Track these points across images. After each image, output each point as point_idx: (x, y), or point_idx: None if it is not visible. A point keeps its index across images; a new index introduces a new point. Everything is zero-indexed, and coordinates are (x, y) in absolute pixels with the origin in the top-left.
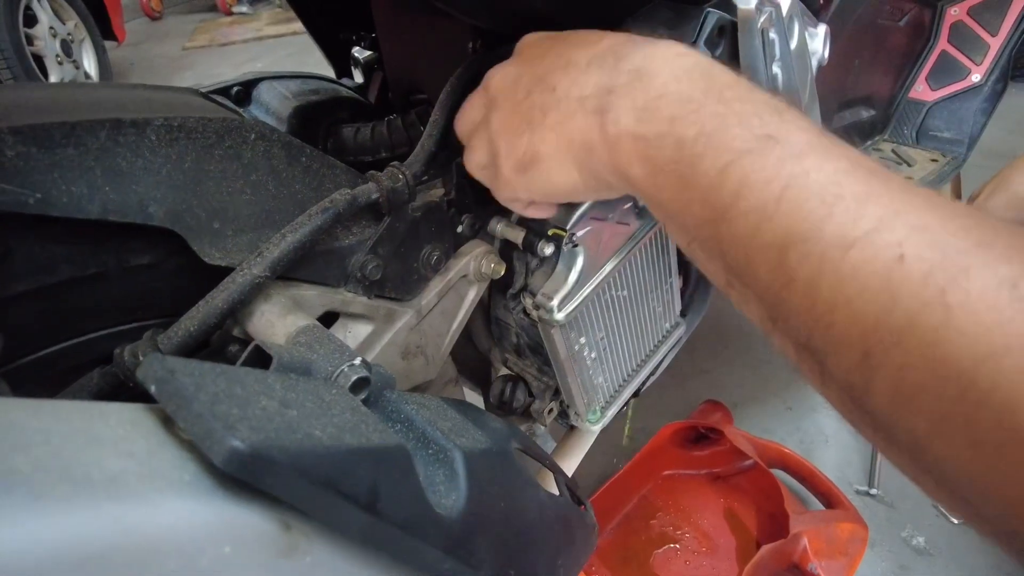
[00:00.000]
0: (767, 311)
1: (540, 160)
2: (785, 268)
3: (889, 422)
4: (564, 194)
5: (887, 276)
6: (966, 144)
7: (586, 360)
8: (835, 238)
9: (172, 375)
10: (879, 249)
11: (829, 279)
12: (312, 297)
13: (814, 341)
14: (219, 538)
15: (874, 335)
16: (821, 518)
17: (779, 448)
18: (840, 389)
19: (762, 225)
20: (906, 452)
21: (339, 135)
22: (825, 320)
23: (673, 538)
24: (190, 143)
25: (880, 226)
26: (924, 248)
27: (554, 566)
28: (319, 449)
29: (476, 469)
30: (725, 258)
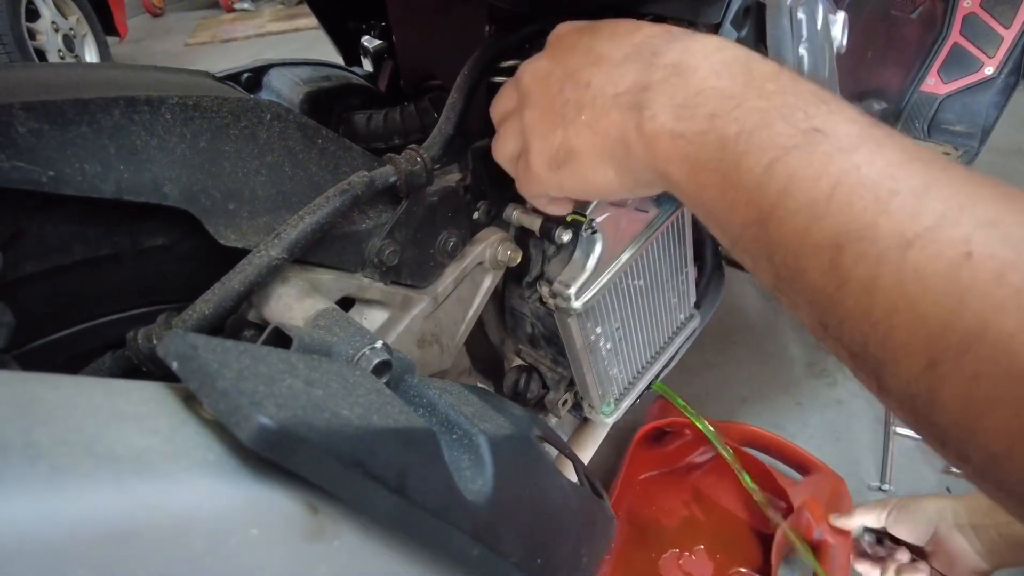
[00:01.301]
0: (818, 316)
1: (575, 157)
2: (838, 270)
3: (960, 437)
4: (598, 192)
5: (954, 276)
6: (978, 137)
7: (601, 351)
8: (893, 236)
9: (195, 351)
10: (943, 247)
11: (887, 281)
12: (329, 281)
13: (871, 349)
14: (246, 520)
15: (940, 342)
16: (811, 485)
17: (742, 426)
18: (901, 401)
19: (812, 225)
20: (980, 470)
21: (351, 122)
22: (884, 326)
23: (671, 541)
24: (205, 122)
25: (942, 222)
26: (995, 244)
27: (578, 555)
28: (348, 429)
29: (501, 454)
30: (773, 260)
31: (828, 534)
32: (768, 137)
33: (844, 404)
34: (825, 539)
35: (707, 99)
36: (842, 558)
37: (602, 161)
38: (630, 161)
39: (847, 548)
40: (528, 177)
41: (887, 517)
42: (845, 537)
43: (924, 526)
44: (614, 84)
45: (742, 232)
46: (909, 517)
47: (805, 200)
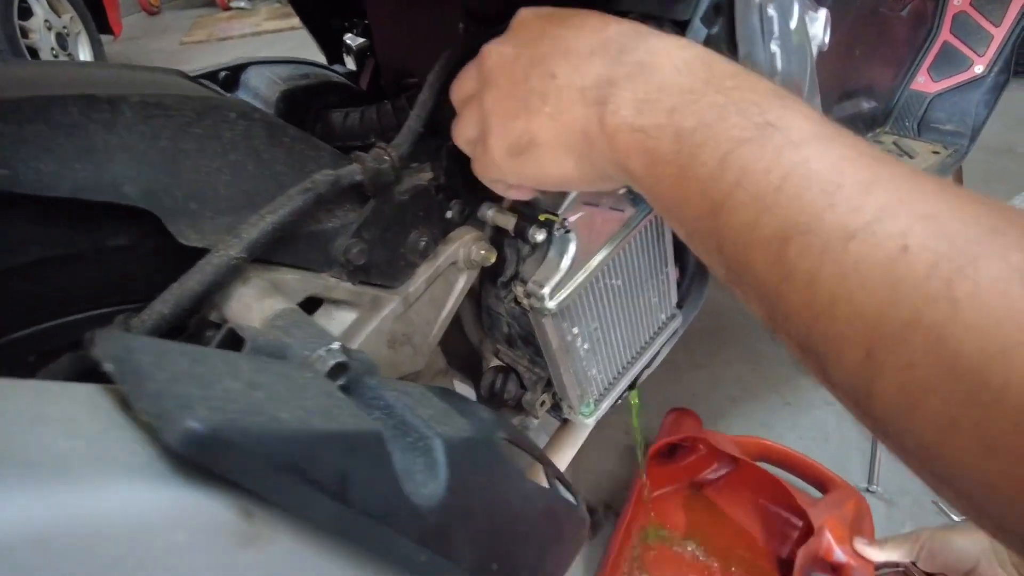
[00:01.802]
0: (767, 309)
1: (535, 147)
2: (784, 262)
3: (897, 428)
4: (556, 183)
5: (890, 268)
6: (968, 136)
7: (579, 351)
8: (836, 229)
9: (130, 353)
10: (881, 240)
11: (829, 272)
12: (293, 281)
13: (814, 340)
14: (171, 524)
15: (876, 333)
16: (832, 504)
17: (758, 441)
18: (846, 392)
19: (761, 217)
20: (917, 459)
21: (328, 120)
22: (825, 317)
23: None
24: (167, 121)
25: (883, 215)
26: (929, 238)
27: (541, 560)
28: (285, 432)
29: (458, 458)
30: (723, 252)
31: (851, 557)
32: (723, 130)
33: (833, 405)
34: (847, 562)
35: (668, 94)
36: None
37: (563, 152)
38: (591, 154)
39: (871, 572)
40: (485, 161)
41: (920, 552)
42: (866, 565)
43: (961, 563)
44: (581, 77)
45: (696, 224)
46: (945, 553)
47: (755, 192)
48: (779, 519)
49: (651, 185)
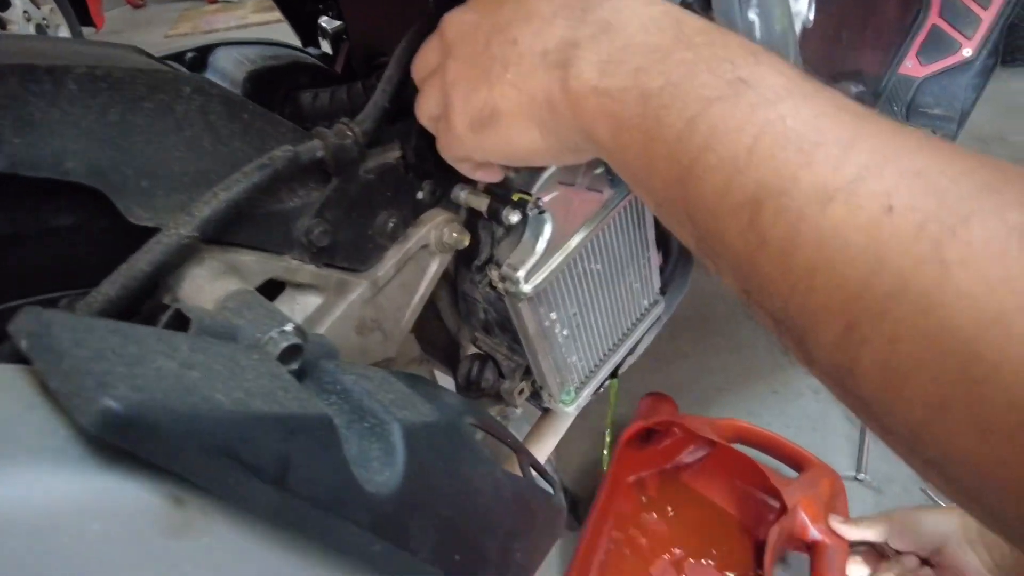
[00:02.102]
0: (741, 281)
1: (498, 118)
2: (757, 229)
3: (883, 409)
4: (522, 157)
5: (873, 232)
6: (957, 120)
7: (558, 337)
8: (814, 191)
9: (47, 328)
10: (863, 200)
11: (807, 238)
12: (251, 263)
13: (791, 314)
14: (84, 513)
15: (859, 303)
16: (806, 483)
17: (733, 423)
18: (827, 371)
19: (732, 180)
20: (904, 442)
21: (297, 101)
22: (803, 287)
23: (663, 547)
24: (116, 94)
25: (865, 174)
26: (917, 196)
27: (509, 551)
28: (216, 413)
29: (417, 443)
30: (694, 222)
31: (825, 535)
32: (692, 89)
33: (821, 393)
34: (822, 540)
35: (633, 54)
36: (839, 560)
37: (527, 123)
38: (556, 123)
39: (844, 549)
40: (449, 138)
41: (891, 531)
42: (840, 542)
43: (931, 541)
44: (542, 41)
45: (665, 194)
46: (916, 532)
47: (726, 154)
48: (756, 500)
49: (618, 153)
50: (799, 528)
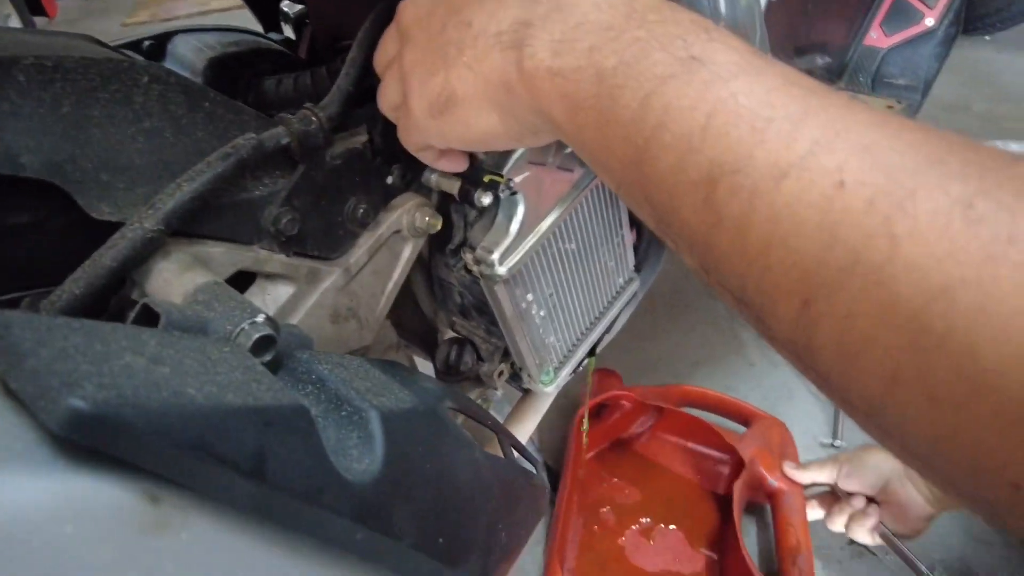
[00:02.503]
0: (699, 259)
1: (456, 103)
2: (713, 207)
3: (840, 382)
4: (482, 140)
5: (825, 208)
6: (921, 90)
7: (535, 318)
8: (767, 167)
9: (7, 328)
10: (816, 176)
11: (761, 216)
12: (219, 254)
13: (748, 291)
14: (57, 516)
15: (814, 279)
16: (757, 436)
17: (678, 388)
18: (786, 347)
19: (686, 159)
20: (862, 413)
21: (260, 88)
22: (758, 266)
23: (630, 517)
24: (69, 85)
25: (817, 149)
26: (866, 171)
27: (493, 532)
28: (188, 408)
29: (396, 430)
30: (651, 202)
31: (782, 482)
32: (646, 68)
33: None
34: (779, 487)
35: (586, 32)
36: (798, 502)
37: (485, 106)
38: (513, 105)
39: (801, 493)
40: (408, 126)
41: (839, 473)
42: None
43: (875, 479)
44: (496, 22)
45: (622, 174)
46: (861, 472)
47: (680, 132)
48: (709, 459)
49: (575, 134)
50: (757, 479)
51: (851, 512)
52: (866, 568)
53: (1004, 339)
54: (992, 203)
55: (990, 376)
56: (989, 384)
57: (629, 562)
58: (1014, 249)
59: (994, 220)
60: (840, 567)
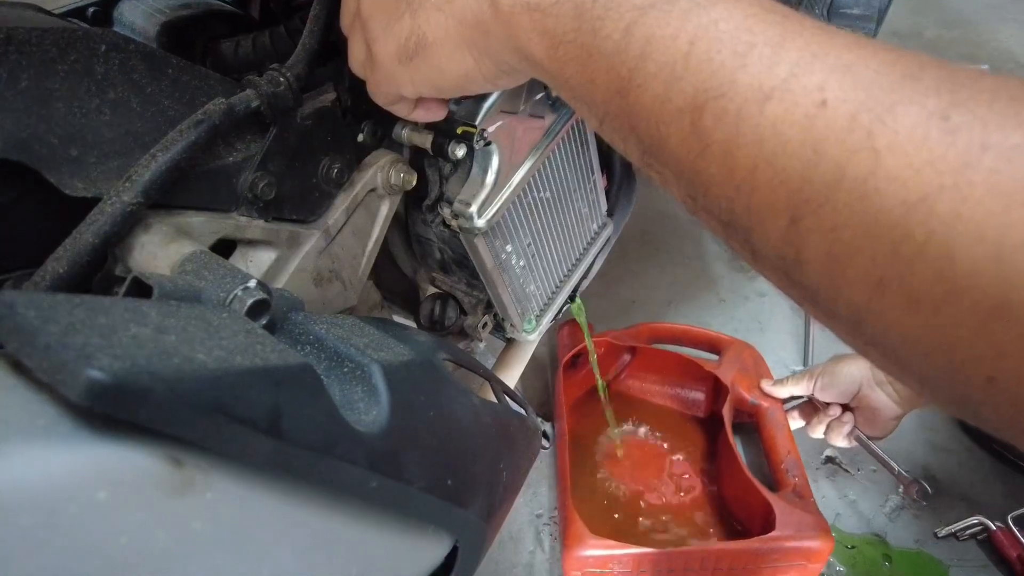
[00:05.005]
0: (686, 188)
1: (427, 47)
2: (699, 133)
3: (827, 296)
4: (456, 84)
5: (809, 126)
6: (875, 19)
7: (515, 268)
8: (750, 90)
9: (11, 308)
10: (799, 96)
11: (747, 138)
12: (199, 224)
13: (737, 214)
14: (89, 484)
15: (800, 196)
16: (733, 360)
17: (648, 326)
18: (773, 266)
19: (671, 87)
20: (847, 325)
21: (218, 51)
22: (746, 187)
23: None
24: (24, 58)
25: (798, 71)
26: (847, 89)
27: (495, 471)
28: (202, 372)
29: (398, 381)
30: (637, 133)
31: (761, 399)
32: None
33: (765, 296)
34: (760, 404)
35: None
36: (779, 417)
37: (458, 48)
38: (489, 45)
39: (781, 408)
40: (377, 78)
41: (815, 385)
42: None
43: (848, 387)
44: None
45: (606, 108)
46: (835, 383)
47: (664, 61)
48: (686, 387)
49: (556, 71)
50: (740, 401)
51: (828, 420)
52: (839, 484)
53: (978, 240)
54: (966, 114)
55: (966, 276)
56: (965, 283)
57: (633, 497)
58: (987, 156)
59: (968, 130)
60: (816, 486)
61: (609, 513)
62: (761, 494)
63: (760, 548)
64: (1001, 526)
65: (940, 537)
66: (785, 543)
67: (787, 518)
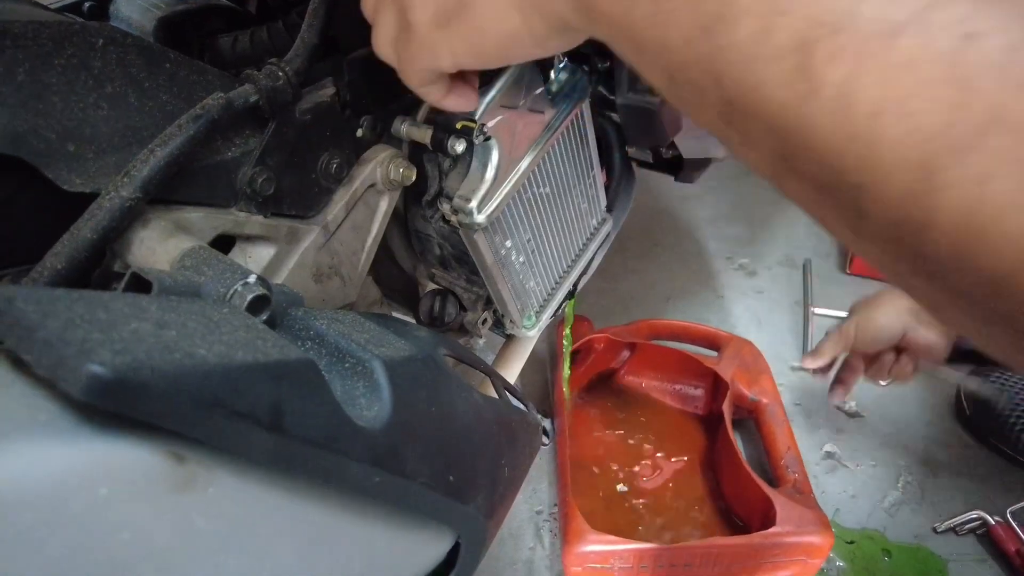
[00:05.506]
0: (779, 146)
1: (468, 5)
2: (808, 74)
3: (957, 263)
4: (501, 48)
5: (956, 61)
6: None
7: (514, 264)
8: (877, 24)
9: (10, 303)
10: (937, 30)
11: (872, 79)
12: (198, 219)
13: (847, 171)
14: (90, 479)
15: (939, 142)
16: (732, 356)
17: (647, 322)
18: (886, 233)
19: (773, 23)
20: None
21: (215, 47)
22: (865, 136)
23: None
24: (20, 52)
25: (933, 3)
26: (998, 20)
27: (497, 467)
28: (204, 368)
29: (400, 377)
30: (722, 81)
31: (761, 395)
32: None
33: (764, 292)
34: (760, 400)
35: None
36: (779, 413)
37: (503, 5)
38: None
39: (780, 403)
40: (411, 50)
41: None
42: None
43: (892, 334)
44: None
45: (684, 52)
46: (874, 331)
47: None
48: (686, 384)
49: (620, 17)
50: (739, 397)
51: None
52: (838, 480)
53: None
54: None
55: None
56: None
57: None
58: None
59: None
60: (815, 482)
61: (609, 509)
62: (761, 490)
63: (761, 543)
64: (1000, 520)
65: (939, 532)
66: (786, 538)
67: (788, 514)
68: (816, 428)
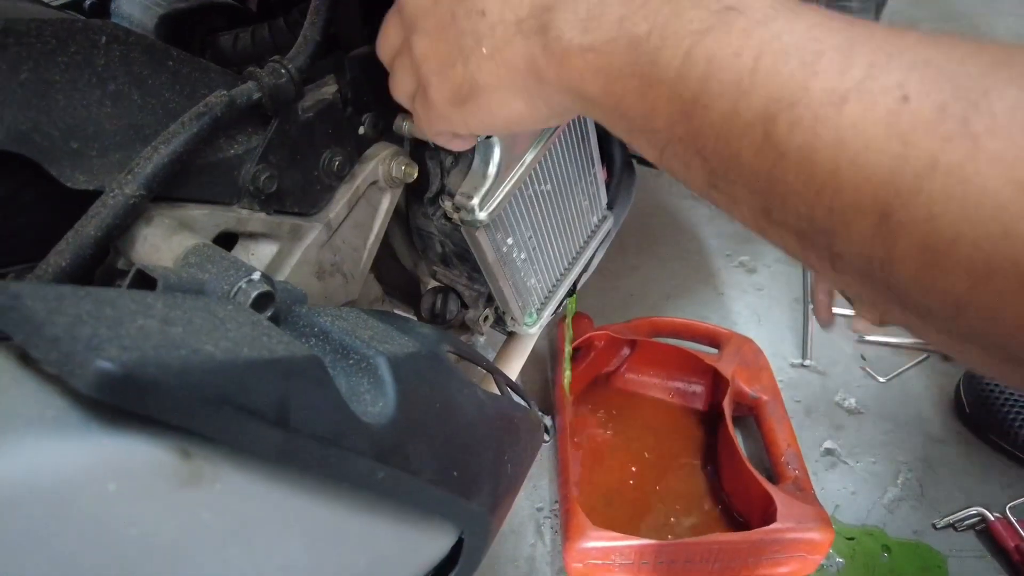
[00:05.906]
0: (760, 203)
1: (479, 92)
2: (773, 143)
3: (921, 291)
4: (507, 126)
5: (893, 121)
6: (873, 11)
7: (516, 262)
8: (825, 95)
9: (18, 299)
10: (878, 96)
11: (826, 141)
12: (201, 217)
13: (818, 220)
14: (99, 475)
15: (889, 190)
16: (733, 354)
17: (648, 320)
18: (859, 269)
19: (739, 103)
20: (943, 322)
21: (217, 45)
22: (828, 190)
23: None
24: (24, 50)
25: (873, 72)
26: (930, 82)
27: (500, 463)
28: (211, 364)
29: (404, 373)
30: (704, 154)
31: (761, 393)
32: (681, 26)
33: (764, 290)
34: (760, 397)
35: (611, 5)
36: (779, 409)
37: (509, 93)
38: (541, 89)
39: (781, 400)
40: (429, 116)
41: None
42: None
43: None
44: (513, 9)
45: (668, 134)
46: None
47: (729, 79)
48: (686, 380)
49: (612, 106)
50: (740, 394)
51: None
52: (838, 476)
53: None
54: None
55: None
56: None
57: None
58: None
59: None
60: (815, 478)
61: (610, 505)
62: (762, 486)
63: (761, 540)
64: (999, 516)
65: (938, 528)
66: (786, 535)
67: (788, 510)
68: (816, 425)
